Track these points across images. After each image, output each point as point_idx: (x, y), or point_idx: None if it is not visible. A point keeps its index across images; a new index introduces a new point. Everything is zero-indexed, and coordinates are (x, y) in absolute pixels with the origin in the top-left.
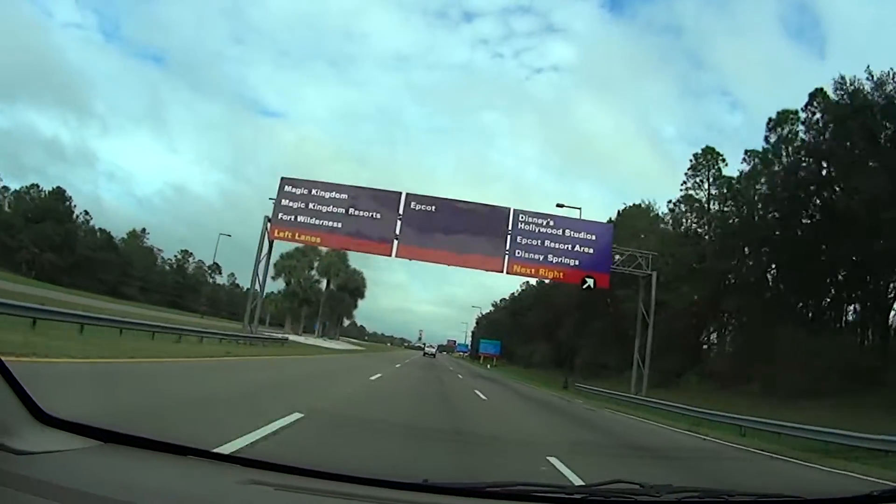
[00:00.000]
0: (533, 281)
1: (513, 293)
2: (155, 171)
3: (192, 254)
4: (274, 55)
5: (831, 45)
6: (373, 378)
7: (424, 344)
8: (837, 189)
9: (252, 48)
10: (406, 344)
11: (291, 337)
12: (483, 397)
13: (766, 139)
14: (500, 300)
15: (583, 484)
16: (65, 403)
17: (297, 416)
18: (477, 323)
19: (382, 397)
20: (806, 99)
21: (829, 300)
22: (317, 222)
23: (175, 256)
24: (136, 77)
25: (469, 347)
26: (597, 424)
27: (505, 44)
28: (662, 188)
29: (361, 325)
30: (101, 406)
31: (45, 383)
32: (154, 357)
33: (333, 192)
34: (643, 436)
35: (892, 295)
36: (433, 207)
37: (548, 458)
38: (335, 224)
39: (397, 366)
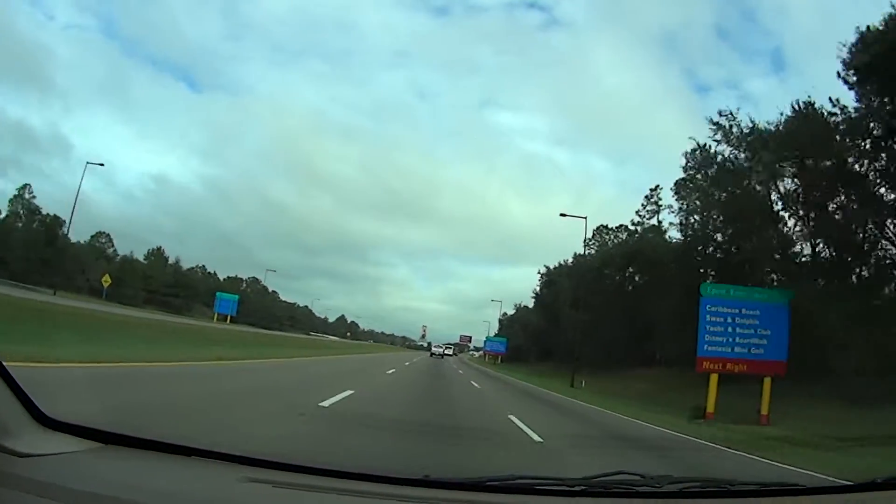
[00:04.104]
0: None
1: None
2: (133, 161)
3: None
4: (263, 42)
5: None
6: None
7: (429, 343)
8: None
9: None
10: (408, 343)
11: None
12: None
13: None
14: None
15: (584, 476)
16: None
17: None
18: (543, 284)
19: None
20: None
21: None
22: None
23: None
24: (97, 53)
25: (507, 344)
26: None
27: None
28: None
29: (352, 321)
30: None
31: None
32: None
33: None
34: None
35: None
36: None
37: None
38: None
39: None
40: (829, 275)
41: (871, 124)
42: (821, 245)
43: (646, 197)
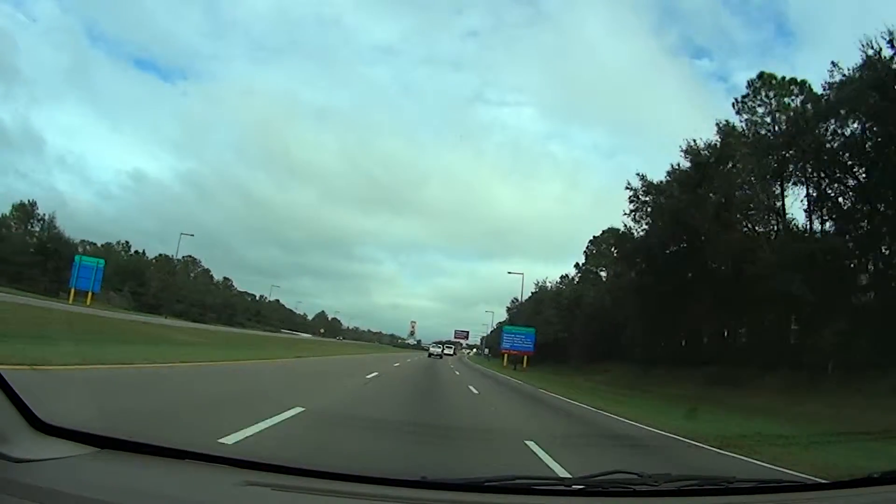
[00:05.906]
0: None
1: None
2: (107, 157)
3: None
4: (242, 33)
5: None
6: None
7: (419, 341)
8: None
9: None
10: (396, 341)
11: None
12: None
13: None
14: None
15: (581, 475)
16: None
17: None
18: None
19: None
20: None
21: None
22: None
23: None
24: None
25: (535, 337)
26: None
27: None
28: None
29: (333, 318)
30: None
31: None
32: None
33: None
34: None
35: None
36: None
37: None
38: None
39: None
40: None
41: None
42: None
43: None
